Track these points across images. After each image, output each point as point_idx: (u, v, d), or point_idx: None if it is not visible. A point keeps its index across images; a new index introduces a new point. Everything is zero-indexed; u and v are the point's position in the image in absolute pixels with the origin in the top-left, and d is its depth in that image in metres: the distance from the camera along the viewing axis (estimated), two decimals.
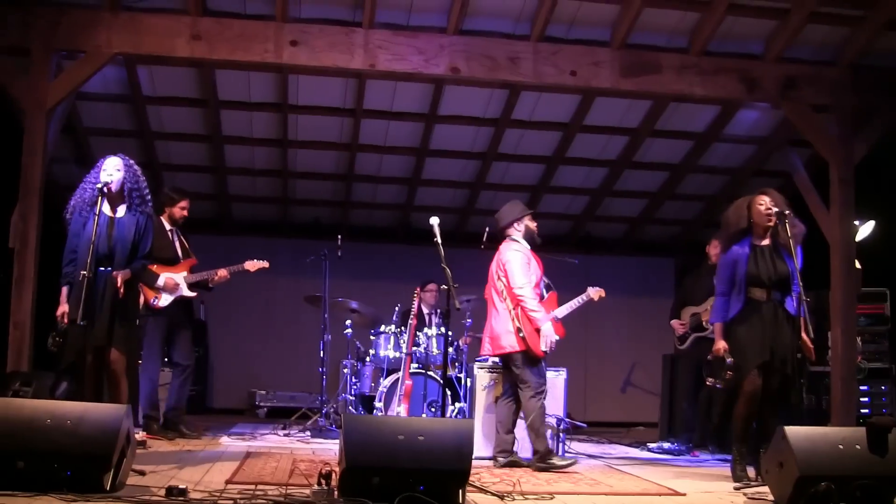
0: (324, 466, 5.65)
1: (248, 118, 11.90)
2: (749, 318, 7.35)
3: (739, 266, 7.41)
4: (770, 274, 7.35)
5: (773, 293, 7.37)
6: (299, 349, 13.51)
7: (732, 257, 7.49)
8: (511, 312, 8.09)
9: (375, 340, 10.48)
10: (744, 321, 7.37)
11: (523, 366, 8.07)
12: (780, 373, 7.26)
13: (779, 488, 6.01)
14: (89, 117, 11.75)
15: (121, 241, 7.17)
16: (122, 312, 7.12)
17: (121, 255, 7.16)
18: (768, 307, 7.34)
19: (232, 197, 13.59)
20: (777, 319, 7.31)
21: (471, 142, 12.46)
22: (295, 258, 11.23)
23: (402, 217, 14.17)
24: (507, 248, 8.35)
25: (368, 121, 11.91)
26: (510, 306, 8.11)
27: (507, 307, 8.13)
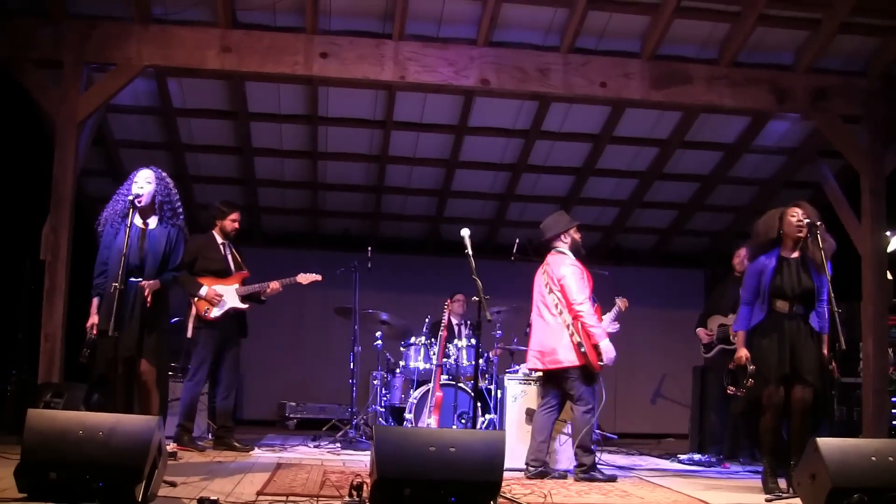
0: (355, 478, 5.63)
1: (278, 130, 11.92)
2: (771, 329, 7.28)
3: (765, 276, 7.35)
4: (794, 287, 7.28)
5: (796, 306, 7.29)
6: (329, 361, 13.50)
7: (759, 267, 7.42)
8: (569, 327, 7.98)
9: (405, 352, 10.45)
10: (765, 333, 7.30)
11: (580, 381, 7.97)
12: (808, 385, 7.19)
13: (811, 500, 5.94)
14: (120, 129, 11.80)
15: (152, 253, 7.20)
16: (151, 323, 7.14)
17: (151, 266, 7.19)
18: (791, 320, 7.27)
19: (262, 209, 13.61)
20: (800, 333, 7.23)
21: (501, 153, 12.44)
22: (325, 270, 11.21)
23: (432, 229, 14.15)
24: (559, 261, 8.22)
25: (398, 132, 11.91)
26: (567, 320, 8.00)
27: (564, 321, 8.00)
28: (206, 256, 9.16)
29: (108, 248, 7.19)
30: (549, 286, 8.15)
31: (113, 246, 7.12)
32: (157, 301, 7.18)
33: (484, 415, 9.57)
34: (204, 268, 9.12)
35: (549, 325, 8.07)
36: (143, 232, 7.24)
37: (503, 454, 5.62)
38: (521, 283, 13.01)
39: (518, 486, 7.20)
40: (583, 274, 8.12)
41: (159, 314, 7.27)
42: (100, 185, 11.81)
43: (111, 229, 7.22)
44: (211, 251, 9.20)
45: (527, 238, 11.06)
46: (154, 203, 7.30)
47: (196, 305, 9.03)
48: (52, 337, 8.85)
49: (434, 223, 14.00)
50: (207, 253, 9.18)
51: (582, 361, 7.89)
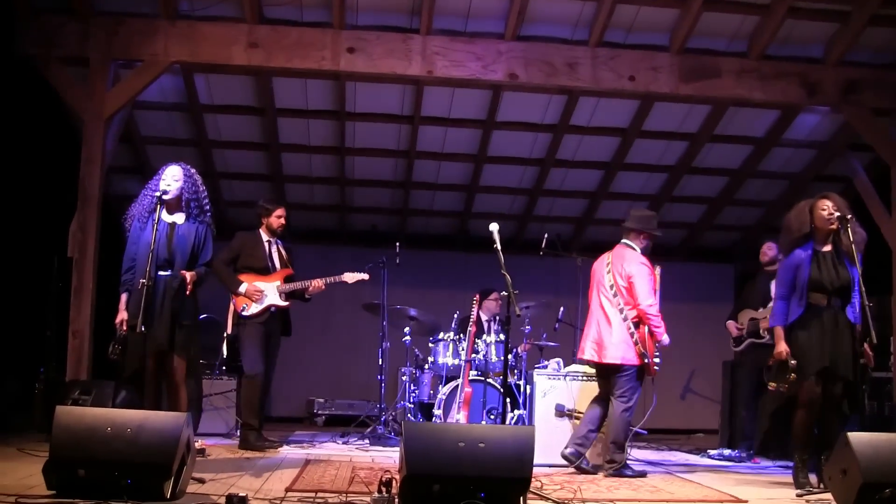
0: (384, 474, 5.59)
1: (306, 126, 11.91)
2: (809, 323, 7.18)
3: (802, 271, 7.25)
4: (832, 280, 7.20)
5: (833, 300, 7.21)
6: (358, 357, 13.50)
7: (794, 262, 7.32)
8: (631, 327, 7.93)
9: (434, 348, 10.42)
10: (804, 327, 7.20)
11: (629, 379, 7.93)
12: (842, 380, 7.11)
13: (842, 495, 5.87)
14: (146, 126, 11.83)
15: (180, 249, 7.18)
16: (181, 317, 7.12)
17: (180, 261, 7.17)
18: (829, 313, 7.18)
19: (290, 205, 13.48)
20: (837, 326, 7.15)
21: (529, 148, 12.38)
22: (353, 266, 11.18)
23: (460, 224, 14.11)
24: (630, 258, 8.12)
25: (426, 127, 11.87)
26: (629, 318, 7.94)
27: (626, 318, 7.96)
28: (248, 254, 9.13)
29: (135, 243, 7.16)
30: (615, 280, 8.05)
31: (140, 241, 7.09)
32: (186, 295, 7.17)
33: (513, 410, 9.53)
34: (246, 265, 9.09)
35: (611, 320, 7.99)
36: (171, 227, 7.22)
37: (532, 449, 5.58)
38: (550, 278, 13.07)
39: (548, 482, 7.16)
40: (652, 273, 8.04)
41: (189, 308, 7.23)
42: (127, 182, 11.84)
43: (138, 225, 7.19)
44: (255, 248, 9.16)
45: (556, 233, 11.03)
46: (181, 199, 7.27)
47: (234, 302, 9.01)
48: (80, 334, 8.87)
49: (462, 219, 13.96)
50: (251, 250, 9.14)
51: (639, 362, 7.89)
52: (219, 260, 8.77)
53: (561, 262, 11.26)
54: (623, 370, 7.93)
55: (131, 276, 7.11)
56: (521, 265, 9.10)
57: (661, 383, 13.97)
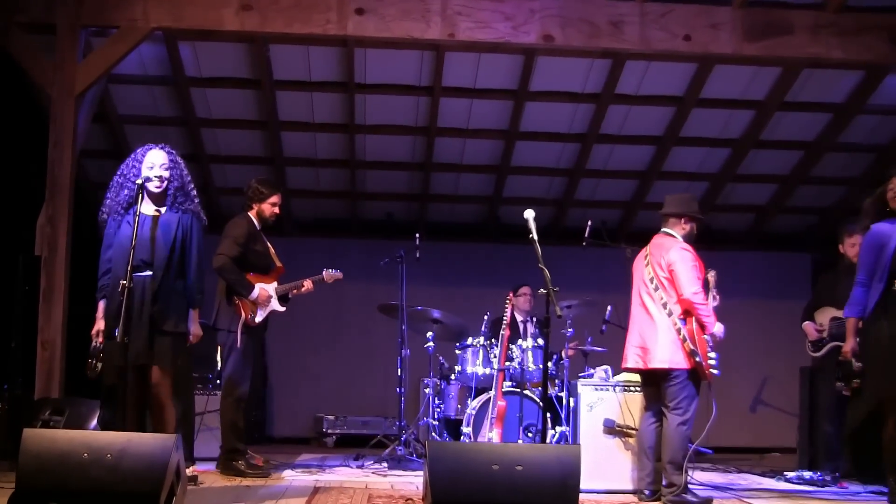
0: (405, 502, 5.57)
1: (309, 100, 11.92)
2: (889, 313, 6.97)
3: (886, 251, 7.08)
4: None
5: None
6: (373, 367, 13.52)
7: (876, 239, 7.14)
8: (676, 323, 7.86)
9: (461, 355, 10.39)
10: (882, 317, 6.99)
11: (683, 387, 7.84)
12: None
13: None
14: (124, 103, 11.86)
15: (162, 243, 7.10)
16: (163, 322, 7.05)
17: (161, 258, 7.07)
18: None
19: (292, 192, 13.60)
20: None
21: (568, 122, 12.35)
22: (366, 261, 11.25)
23: (490, 211, 14.09)
24: (668, 244, 8.05)
25: (448, 100, 11.86)
26: (675, 314, 7.89)
27: (671, 315, 7.90)
28: (252, 248, 8.96)
29: (108, 244, 7.14)
30: (654, 272, 8.00)
31: (118, 239, 7.05)
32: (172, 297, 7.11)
33: (554, 427, 9.51)
34: (250, 262, 8.92)
35: (654, 318, 7.92)
36: (154, 221, 7.16)
37: (578, 472, 5.55)
38: (594, 272, 13.04)
39: None
40: (695, 260, 7.98)
41: (174, 312, 7.15)
42: (103, 167, 11.85)
43: (115, 219, 7.14)
44: (257, 241, 9.02)
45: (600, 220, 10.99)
46: (167, 189, 7.23)
47: (243, 309, 8.90)
48: (51, 345, 8.88)
49: (492, 204, 13.94)
50: (254, 244, 8.98)
51: (690, 364, 7.77)
52: (228, 258, 8.67)
53: (607, 253, 11.21)
54: (672, 376, 7.84)
55: (108, 281, 7.06)
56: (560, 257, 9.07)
57: (726, 393, 13.95)
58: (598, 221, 10.48)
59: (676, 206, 8.22)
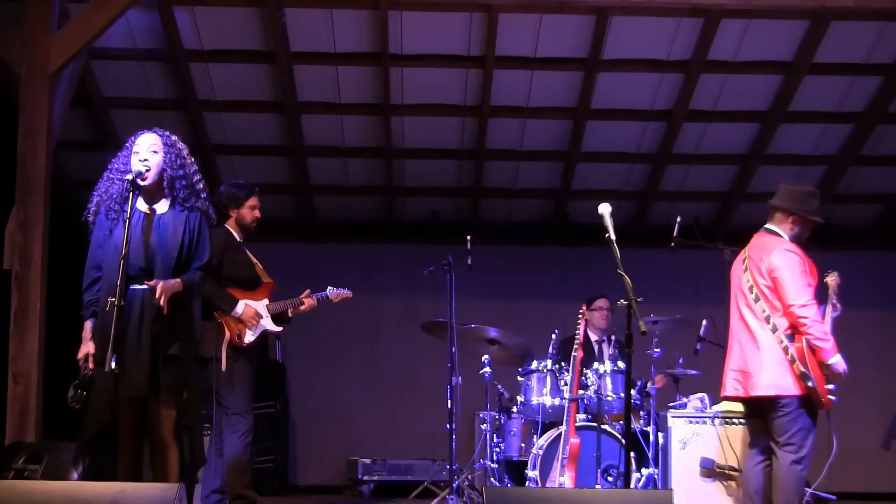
0: None
1: (333, 76, 11.97)
2: None
3: None
4: None
5: None
6: (417, 399, 13.56)
7: None
8: (783, 341, 7.82)
9: (525, 383, 10.39)
10: None
11: (794, 418, 7.79)
12: None
13: None
14: (110, 83, 11.95)
15: (163, 250, 7.05)
16: (167, 345, 7.05)
17: (163, 267, 7.03)
18: None
19: (315, 187, 13.65)
20: None
21: (650, 96, 12.33)
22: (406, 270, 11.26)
23: (556, 206, 14.06)
24: (772, 245, 7.99)
25: (503, 72, 11.87)
26: (780, 330, 7.84)
27: (775, 330, 7.85)
28: (231, 259, 9.05)
29: (100, 247, 7.11)
30: (753, 279, 7.96)
31: (108, 244, 7.07)
32: (176, 310, 7.11)
33: (640, 469, 9.49)
34: (230, 275, 9.01)
35: (755, 335, 7.87)
36: (148, 220, 7.13)
37: None
38: (686, 279, 12.99)
39: None
40: (804, 264, 7.91)
41: (181, 333, 7.13)
42: (85, 161, 11.96)
43: (106, 221, 7.14)
44: (237, 252, 9.10)
45: (692, 215, 10.96)
46: (163, 180, 7.23)
47: (227, 327, 8.98)
48: (25, 377, 8.89)
49: (558, 199, 13.92)
50: (233, 254, 9.07)
51: (801, 391, 7.70)
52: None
53: (701, 255, 11.20)
54: (781, 405, 7.77)
55: (96, 296, 7.08)
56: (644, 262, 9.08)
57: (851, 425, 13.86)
58: (690, 217, 10.49)
59: (787, 201, 8.12)
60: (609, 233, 7.07)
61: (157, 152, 7.17)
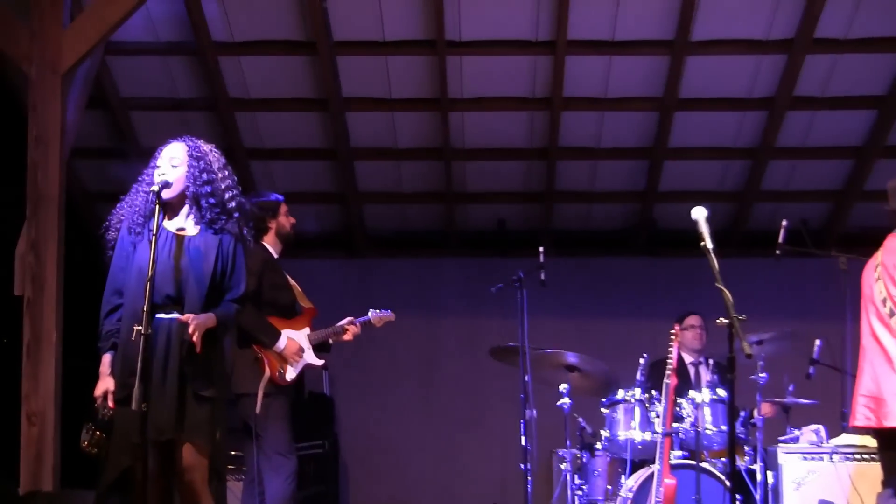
0: None
1: (383, 68, 11.98)
2: None
3: None
4: None
5: None
6: (484, 435, 13.53)
7: None
8: None
9: (610, 415, 10.33)
10: None
11: None
12: None
13: None
14: (129, 82, 12.01)
15: (194, 276, 7.00)
16: (199, 384, 7.01)
17: (194, 297, 7.01)
18: None
19: (363, 195, 13.67)
20: None
21: (748, 82, 12.27)
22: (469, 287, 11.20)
23: (641, 211, 14.01)
24: None
25: (577, 59, 11.86)
26: None
27: None
28: (270, 282, 9.07)
29: (122, 269, 7.07)
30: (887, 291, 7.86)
31: (131, 266, 7.03)
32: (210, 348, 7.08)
33: None
34: (268, 300, 9.05)
35: (891, 355, 7.78)
36: (178, 242, 7.08)
37: None
38: (795, 292, 12.87)
39: None
40: None
41: (213, 371, 7.10)
42: (102, 170, 11.99)
43: (129, 240, 7.11)
44: (276, 274, 9.15)
45: (800, 218, 10.86)
46: (186, 197, 7.16)
47: (268, 363, 8.94)
48: (41, 418, 8.87)
49: (644, 201, 13.86)
50: (271, 276, 9.10)
51: None
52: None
53: (811, 264, 11.12)
54: None
55: (116, 325, 7.04)
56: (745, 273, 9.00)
57: None
58: (797, 220, 10.38)
59: None
60: (704, 240, 6.99)
61: (179, 166, 7.08)
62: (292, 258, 9.74)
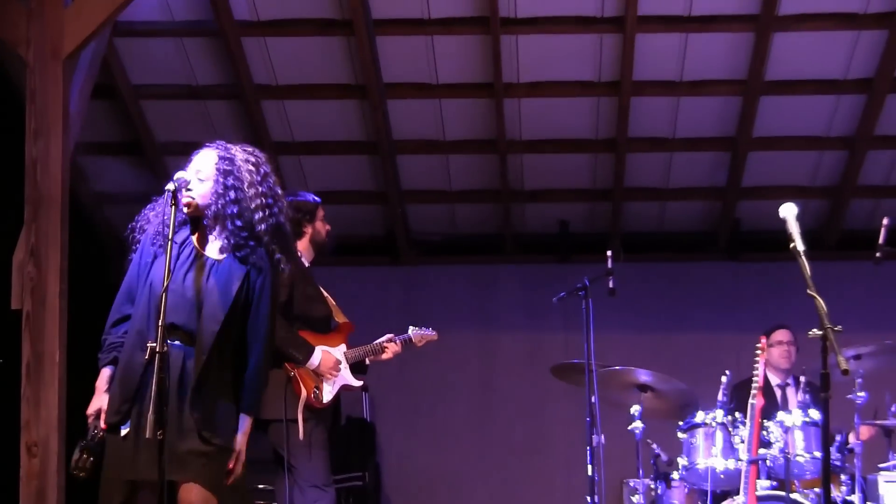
0: None
1: (428, 48, 12.00)
2: None
3: None
4: None
5: None
6: (545, 463, 13.54)
7: None
8: None
9: (688, 441, 10.31)
10: None
11: None
12: None
13: None
14: (140, 68, 12.05)
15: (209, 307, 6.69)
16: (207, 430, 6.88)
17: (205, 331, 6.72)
18: None
19: (407, 193, 13.66)
20: None
21: (843, 60, 12.22)
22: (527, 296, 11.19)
23: (722, 209, 13.96)
24: None
25: (649, 37, 11.87)
26: None
27: None
28: (302, 293, 9.04)
29: (137, 276, 6.93)
30: None
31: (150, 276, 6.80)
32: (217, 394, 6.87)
33: None
34: (300, 313, 9.05)
35: None
36: (200, 266, 6.76)
37: None
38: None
39: None
40: None
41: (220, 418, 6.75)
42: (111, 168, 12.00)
43: (150, 247, 6.89)
44: (307, 284, 9.12)
45: None
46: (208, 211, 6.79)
47: (302, 383, 8.93)
48: (42, 447, 8.85)
49: (725, 198, 13.81)
50: (303, 287, 9.05)
51: None
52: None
53: None
54: None
55: (121, 338, 6.89)
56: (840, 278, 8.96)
57: None
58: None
59: None
60: (794, 242, 6.97)
61: (205, 180, 6.76)
62: (326, 266, 9.75)
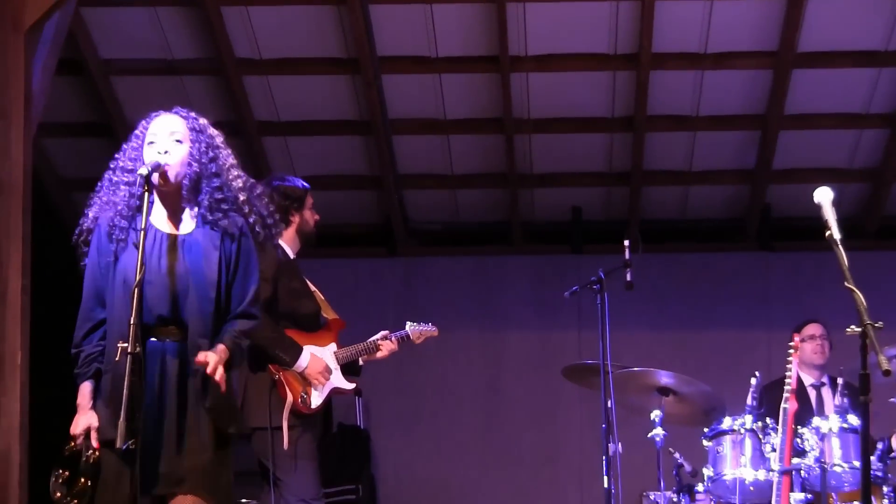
0: None
1: (426, 17, 11.97)
2: None
3: None
4: None
5: None
6: (557, 474, 13.54)
7: None
8: None
9: (713, 449, 10.29)
10: None
11: None
12: None
13: None
14: (110, 40, 12.04)
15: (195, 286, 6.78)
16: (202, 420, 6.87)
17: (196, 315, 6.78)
18: None
19: (405, 178, 13.66)
20: None
21: (883, 31, 12.18)
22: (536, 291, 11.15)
23: (751, 194, 13.92)
24: None
25: (669, 4, 11.83)
26: None
27: None
28: (287, 287, 9.05)
29: (98, 279, 6.88)
30: None
31: (115, 277, 6.80)
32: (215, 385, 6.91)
33: None
34: (286, 310, 9.06)
35: None
36: (171, 244, 6.92)
37: None
38: None
39: None
40: None
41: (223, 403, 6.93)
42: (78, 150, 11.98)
43: (108, 244, 6.87)
44: (292, 278, 9.12)
45: None
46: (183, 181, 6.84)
47: (288, 387, 8.92)
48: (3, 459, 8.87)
49: (754, 182, 13.78)
50: (288, 281, 9.06)
51: None
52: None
53: None
54: None
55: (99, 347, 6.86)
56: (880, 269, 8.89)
57: None
58: None
59: None
60: (830, 229, 6.92)
61: (183, 141, 6.75)
62: (316, 258, 9.71)
